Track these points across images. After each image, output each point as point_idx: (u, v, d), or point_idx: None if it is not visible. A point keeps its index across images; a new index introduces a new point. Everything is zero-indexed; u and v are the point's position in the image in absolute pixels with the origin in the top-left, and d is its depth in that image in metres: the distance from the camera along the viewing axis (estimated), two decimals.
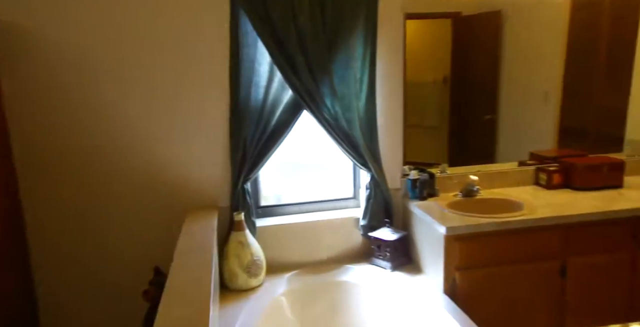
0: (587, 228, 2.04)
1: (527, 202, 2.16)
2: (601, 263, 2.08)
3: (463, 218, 2.00)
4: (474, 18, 2.41)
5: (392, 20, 2.23)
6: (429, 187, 2.32)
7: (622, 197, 2.21)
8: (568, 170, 2.38)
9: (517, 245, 2.00)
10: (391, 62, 2.28)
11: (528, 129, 2.61)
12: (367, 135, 2.24)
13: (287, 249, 2.34)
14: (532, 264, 2.02)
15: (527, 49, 2.51)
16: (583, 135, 2.70)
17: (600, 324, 2.10)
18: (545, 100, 2.59)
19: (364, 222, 2.35)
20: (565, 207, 2.08)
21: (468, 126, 2.54)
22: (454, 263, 1.97)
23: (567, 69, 2.55)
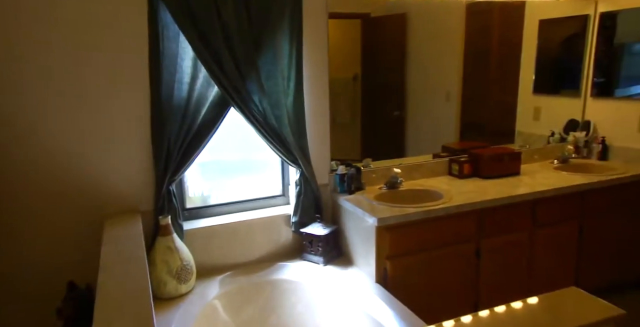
0: (496, 212, 2.28)
1: (445, 191, 2.34)
2: (507, 243, 2.34)
3: (391, 209, 2.11)
4: (382, 19, 2.53)
5: (316, 18, 2.26)
6: (356, 181, 2.40)
7: (521, 182, 2.50)
8: (476, 160, 2.63)
9: (439, 231, 2.16)
10: (317, 60, 2.31)
11: (433, 124, 2.81)
12: (296, 132, 2.25)
13: (218, 251, 2.26)
14: (452, 248, 2.21)
15: (429, 51, 2.69)
16: (481, 129, 2.99)
17: (508, 298, 2.37)
18: (447, 98, 2.81)
19: (295, 218, 2.36)
20: (477, 194, 2.30)
21: (379, 122, 2.67)
22: (385, 253, 2.08)
23: (465, 69, 2.79)
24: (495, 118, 3.01)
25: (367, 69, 2.56)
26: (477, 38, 2.80)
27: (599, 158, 2.96)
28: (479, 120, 2.97)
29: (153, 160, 2.06)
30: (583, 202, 2.51)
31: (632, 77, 2.84)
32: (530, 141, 3.05)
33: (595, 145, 2.98)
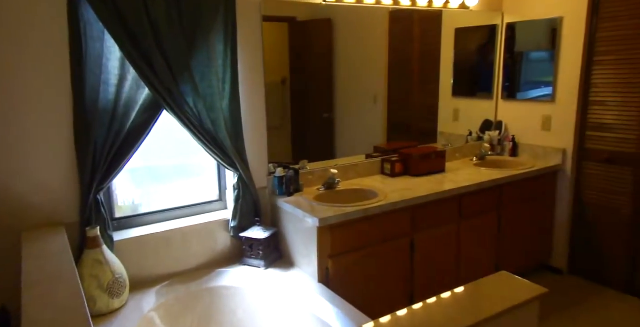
0: (427, 207, 2.42)
1: (379, 190, 2.44)
2: (438, 235, 2.50)
3: (331, 209, 2.15)
4: (308, 24, 2.59)
5: (251, 19, 2.25)
6: (295, 183, 2.42)
7: (447, 179, 2.69)
8: (407, 160, 2.78)
9: (377, 228, 2.25)
10: (252, 62, 2.30)
11: (362, 126, 2.92)
12: (233, 135, 2.22)
13: (153, 262, 2.15)
14: (389, 243, 2.31)
15: (356, 56, 2.79)
16: (407, 130, 3.17)
17: (440, 287, 2.53)
18: (374, 101, 2.94)
19: (234, 223, 2.32)
20: (409, 191, 2.43)
21: (309, 125, 2.72)
22: (327, 252, 2.12)
23: (390, 74, 2.94)
24: (419, 119, 3.20)
25: (296, 73, 2.59)
26: (400, 44, 2.95)
27: (511, 154, 3.27)
28: (404, 121, 3.13)
29: (78, 168, 1.91)
30: (500, 195, 2.76)
31: (530, 82, 3.18)
32: (452, 140, 3.28)
33: (507, 143, 3.29)
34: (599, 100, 2.84)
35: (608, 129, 2.82)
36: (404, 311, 1.33)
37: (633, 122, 2.69)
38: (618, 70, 2.72)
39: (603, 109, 2.83)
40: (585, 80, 2.88)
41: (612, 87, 2.76)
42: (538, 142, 3.15)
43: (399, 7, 2.80)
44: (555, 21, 2.95)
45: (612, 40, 2.73)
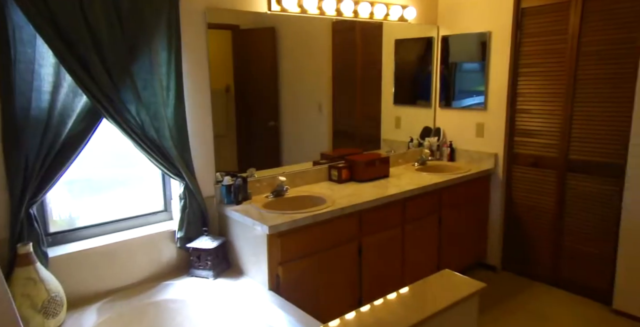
0: (373, 212, 2.50)
1: (327, 196, 2.49)
2: (384, 239, 2.59)
3: (281, 216, 2.16)
4: (251, 32, 2.60)
5: (196, 26, 2.23)
6: (243, 192, 2.40)
7: (391, 184, 2.79)
8: (352, 166, 2.85)
9: (325, 233, 2.29)
10: (197, 69, 2.27)
11: (308, 134, 2.97)
12: (179, 144, 2.17)
13: (93, 277, 2.05)
14: (338, 248, 2.36)
15: (300, 64, 2.83)
16: (352, 137, 3.26)
17: (387, 288, 2.61)
18: (319, 109, 3.00)
19: (181, 234, 2.26)
20: (356, 196, 2.49)
21: (254, 133, 2.72)
22: (277, 259, 2.12)
23: (334, 82, 3.02)
24: (363, 127, 3.30)
25: (240, 81, 2.58)
26: (343, 54, 3.04)
27: (449, 159, 3.46)
28: (349, 129, 3.22)
29: (7, 180, 1.78)
30: (440, 198, 2.91)
31: (464, 91, 3.40)
32: (394, 147, 3.42)
33: (445, 149, 3.48)
34: (525, 108, 3.09)
35: (533, 135, 3.07)
36: (353, 314, 1.38)
37: (555, 128, 2.95)
38: (540, 81, 2.98)
39: (529, 116, 3.08)
40: (512, 90, 3.13)
41: (535, 96, 3.02)
42: (473, 148, 3.37)
43: (342, 18, 2.89)
44: (485, 35, 3.18)
45: (534, 53, 2.99)
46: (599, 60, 2.69)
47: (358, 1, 2.91)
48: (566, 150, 2.91)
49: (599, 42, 2.68)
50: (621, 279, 2.69)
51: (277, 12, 2.57)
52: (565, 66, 2.84)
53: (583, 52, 2.76)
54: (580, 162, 2.85)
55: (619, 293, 2.71)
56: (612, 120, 2.68)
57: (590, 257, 2.88)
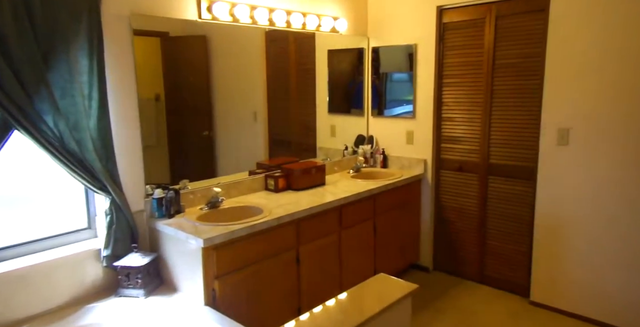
0: (311, 220, 2.52)
1: (264, 206, 2.47)
2: (321, 246, 2.61)
3: (216, 228, 2.11)
4: (182, 39, 2.55)
5: (119, 33, 2.13)
6: (176, 204, 2.31)
7: (327, 191, 2.83)
8: (289, 175, 2.86)
9: (263, 244, 2.27)
10: (123, 78, 2.16)
11: (244, 143, 2.94)
12: (104, 156, 2.05)
13: (4, 305, 1.85)
14: (276, 258, 2.34)
15: (234, 73, 2.80)
16: (288, 146, 3.28)
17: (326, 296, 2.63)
18: (255, 118, 2.99)
19: (107, 252, 2.12)
20: (293, 205, 2.50)
21: (188, 143, 2.65)
22: (213, 273, 2.06)
23: (269, 92, 3.01)
24: (299, 135, 3.33)
25: (171, 89, 2.50)
26: (277, 63, 3.05)
27: (382, 166, 3.58)
28: (285, 137, 3.23)
29: None
30: (374, 204, 3.00)
31: (394, 100, 3.56)
32: (330, 155, 3.48)
33: (378, 156, 3.60)
34: (450, 116, 3.29)
35: (458, 142, 3.28)
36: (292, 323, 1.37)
37: (476, 135, 3.17)
38: (462, 91, 3.20)
39: (453, 124, 3.28)
40: (438, 99, 3.32)
41: (458, 105, 3.23)
42: (404, 154, 3.52)
43: (274, 28, 2.90)
44: (411, 47, 3.35)
45: (455, 65, 3.21)
46: (512, 72, 2.94)
47: (290, 12, 2.94)
48: (487, 155, 3.13)
49: (511, 55, 2.93)
50: (537, 273, 2.93)
51: (208, 20, 2.53)
52: (483, 77, 3.07)
53: (498, 65, 3.00)
54: (500, 166, 3.08)
55: (535, 286, 2.95)
56: (524, 127, 2.94)
57: (510, 254, 3.11)
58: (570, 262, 2.77)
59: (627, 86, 2.45)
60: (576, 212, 2.71)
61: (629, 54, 2.42)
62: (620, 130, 2.50)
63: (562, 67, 2.67)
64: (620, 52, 2.45)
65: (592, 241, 2.67)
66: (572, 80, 2.64)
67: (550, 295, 2.89)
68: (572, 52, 2.62)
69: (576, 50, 2.60)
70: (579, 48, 2.59)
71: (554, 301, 2.87)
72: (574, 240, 2.74)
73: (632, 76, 2.43)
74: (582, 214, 2.69)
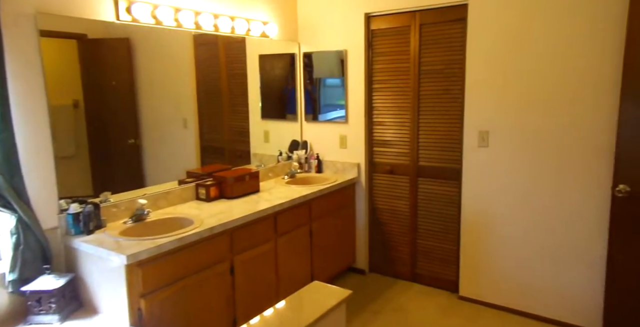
0: (245, 229, 2.44)
1: (195, 216, 2.35)
2: (256, 255, 2.55)
3: (141, 243, 1.97)
4: (102, 42, 2.38)
5: (23, 34, 1.93)
6: (95, 219, 2.13)
7: (262, 199, 2.77)
8: (221, 183, 2.76)
9: (194, 256, 2.16)
10: (30, 83, 1.96)
11: (173, 151, 2.80)
12: (7, 171, 1.84)
13: None
14: (209, 270, 2.24)
15: (162, 78, 2.67)
16: (221, 153, 3.18)
17: (262, 306, 2.57)
18: (185, 125, 2.86)
19: (14, 276, 1.90)
20: (226, 214, 2.41)
21: (112, 152, 2.48)
22: (138, 291, 1.92)
23: (199, 97, 2.90)
24: (232, 142, 3.24)
25: (91, 95, 2.32)
26: (207, 67, 2.95)
27: (317, 171, 3.59)
28: (217, 144, 3.12)
29: None
30: (310, 209, 2.99)
31: (328, 105, 3.59)
32: (264, 161, 3.42)
33: (312, 161, 3.60)
34: (380, 120, 3.38)
35: (389, 145, 3.37)
36: None
37: (405, 139, 3.28)
38: (391, 96, 3.29)
39: (383, 128, 3.37)
40: (369, 104, 3.39)
41: (388, 109, 3.32)
42: (338, 159, 3.55)
43: (202, 31, 2.80)
44: (342, 53, 3.40)
45: (384, 71, 3.30)
46: (437, 78, 3.08)
47: (218, 15, 2.86)
48: (416, 158, 3.24)
49: (435, 62, 3.07)
50: (464, 269, 3.08)
51: (128, 22, 2.38)
52: (410, 83, 3.19)
53: (424, 71, 3.13)
54: (428, 168, 3.21)
55: (463, 282, 3.10)
56: (449, 130, 3.08)
57: (440, 252, 3.24)
58: (494, 256, 2.94)
59: (539, 90, 2.66)
60: (498, 209, 2.89)
61: (541, 61, 2.63)
62: (534, 131, 2.70)
63: (480, 73, 2.84)
64: (532, 59, 2.66)
65: (514, 236, 2.86)
66: (490, 85, 2.82)
67: (477, 289, 3.04)
68: (489, 59, 2.80)
69: (492, 56, 2.78)
70: (495, 55, 2.77)
71: (481, 294, 3.03)
72: (498, 235, 2.91)
73: (544, 81, 2.64)
74: (503, 211, 2.87)
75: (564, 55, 2.55)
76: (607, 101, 2.45)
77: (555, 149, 2.64)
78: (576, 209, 2.61)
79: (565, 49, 2.54)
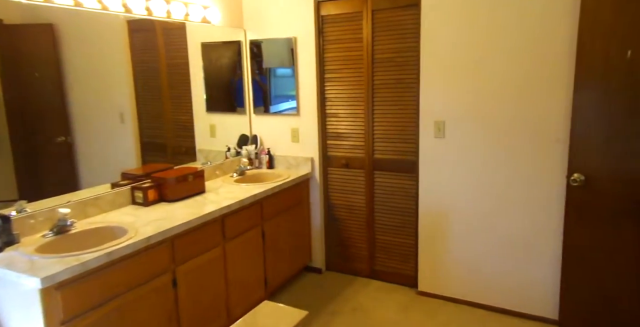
0: (188, 235, 2.21)
1: (130, 225, 2.09)
2: (203, 263, 2.32)
3: (61, 260, 1.70)
4: (21, 28, 2.06)
5: None
6: (5, 234, 1.83)
7: (208, 200, 2.54)
8: (160, 185, 2.49)
9: (128, 271, 1.90)
10: None
11: (110, 149, 2.52)
12: None
13: None
14: (147, 286, 1.99)
15: (93, 68, 2.39)
16: (163, 150, 2.90)
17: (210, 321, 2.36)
18: (122, 120, 2.58)
19: None
20: (166, 220, 2.16)
21: (38, 152, 2.17)
22: (58, 318, 1.65)
23: (137, 89, 2.62)
24: (175, 137, 2.97)
25: (10, 88, 2.01)
26: (145, 56, 2.67)
27: (269, 167, 3.38)
28: (159, 140, 2.85)
29: None
30: (261, 209, 2.79)
31: (279, 96, 3.38)
32: (211, 158, 3.17)
33: (263, 156, 3.39)
34: (334, 112, 3.21)
35: (343, 138, 3.21)
36: None
37: (360, 131, 3.13)
38: (344, 86, 3.13)
39: (337, 120, 3.21)
40: (321, 95, 3.22)
41: (341, 100, 3.16)
42: (290, 153, 3.36)
43: (133, 15, 2.50)
44: (291, 40, 3.19)
45: (336, 59, 3.13)
46: (391, 66, 2.95)
47: None
48: (372, 151, 3.12)
49: (389, 50, 2.93)
50: (423, 264, 3.01)
51: (39, 2, 2.05)
52: (364, 72, 3.03)
53: (377, 59, 2.98)
54: (384, 161, 3.09)
55: (422, 276, 3.03)
56: (405, 121, 2.97)
57: (398, 248, 3.15)
58: (453, 250, 2.88)
59: (495, 78, 2.59)
60: (455, 201, 2.82)
61: (496, 49, 2.55)
62: (490, 121, 2.64)
63: (435, 61, 2.73)
64: (487, 47, 2.58)
65: (471, 228, 2.80)
66: (445, 74, 2.72)
67: (436, 284, 2.98)
68: (443, 46, 2.69)
69: (446, 44, 2.68)
70: (449, 42, 2.67)
71: (440, 289, 2.97)
72: (455, 228, 2.85)
73: (499, 69, 2.57)
74: (460, 203, 2.81)
75: (518, 44, 2.48)
76: (561, 90, 2.41)
77: (512, 139, 2.59)
78: (533, 200, 2.58)
79: (519, 38, 2.48)
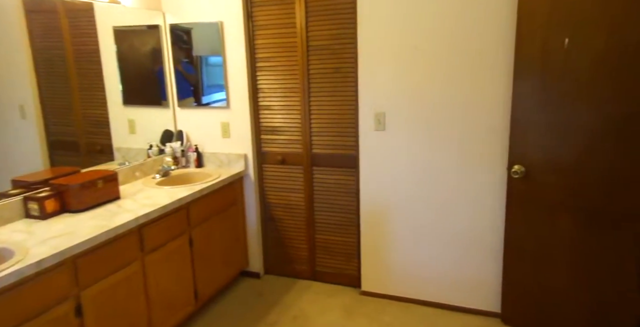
0: (97, 253, 1.89)
1: (17, 246, 1.73)
2: (116, 283, 2.01)
3: None
4: None
5: None
6: None
7: (122, 209, 2.20)
8: (62, 193, 2.13)
9: (14, 305, 1.56)
10: None
11: (9, 149, 2.13)
12: None
13: None
14: (40, 319, 1.66)
15: None
16: (75, 149, 2.52)
17: None
18: (22, 115, 2.19)
19: None
20: (67, 237, 1.82)
21: None
22: None
23: (39, 79, 2.25)
24: (88, 134, 2.58)
25: None
26: (47, 42, 2.29)
27: (197, 166, 3.08)
28: (69, 138, 2.46)
29: None
30: (188, 214, 2.50)
31: (211, 86, 3.06)
32: (131, 157, 2.81)
33: (191, 154, 3.08)
34: (267, 104, 2.96)
35: (278, 132, 2.98)
36: None
37: (296, 124, 2.92)
38: (278, 76, 2.89)
39: (271, 113, 2.97)
40: (253, 86, 2.95)
41: (275, 91, 2.92)
42: (221, 150, 3.07)
43: None
44: (217, 25, 2.88)
45: (267, 47, 2.87)
46: (327, 54, 2.74)
47: None
48: (309, 145, 2.91)
49: (324, 36, 2.72)
50: (365, 263, 2.88)
51: None
52: (298, 61, 2.81)
53: (312, 47, 2.76)
54: (323, 156, 2.90)
55: (365, 276, 2.91)
56: (343, 113, 2.79)
57: (340, 247, 3.00)
58: (395, 247, 2.78)
59: (435, 68, 2.47)
60: (398, 196, 2.70)
61: (435, 37, 2.42)
62: (431, 113, 2.52)
63: (373, 49, 2.56)
64: (426, 34, 2.44)
65: (414, 224, 2.70)
66: (383, 62, 2.56)
67: (379, 283, 2.87)
68: (381, 33, 2.52)
69: (385, 31, 2.52)
70: (388, 28, 2.51)
71: (384, 288, 2.87)
72: (397, 225, 2.74)
73: (439, 58, 2.44)
74: (401, 199, 2.69)
75: (459, 32, 2.37)
76: (501, 80, 2.34)
77: (454, 131, 2.50)
78: (476, 193, 2.52)
79: (460, 24, 2.36)
